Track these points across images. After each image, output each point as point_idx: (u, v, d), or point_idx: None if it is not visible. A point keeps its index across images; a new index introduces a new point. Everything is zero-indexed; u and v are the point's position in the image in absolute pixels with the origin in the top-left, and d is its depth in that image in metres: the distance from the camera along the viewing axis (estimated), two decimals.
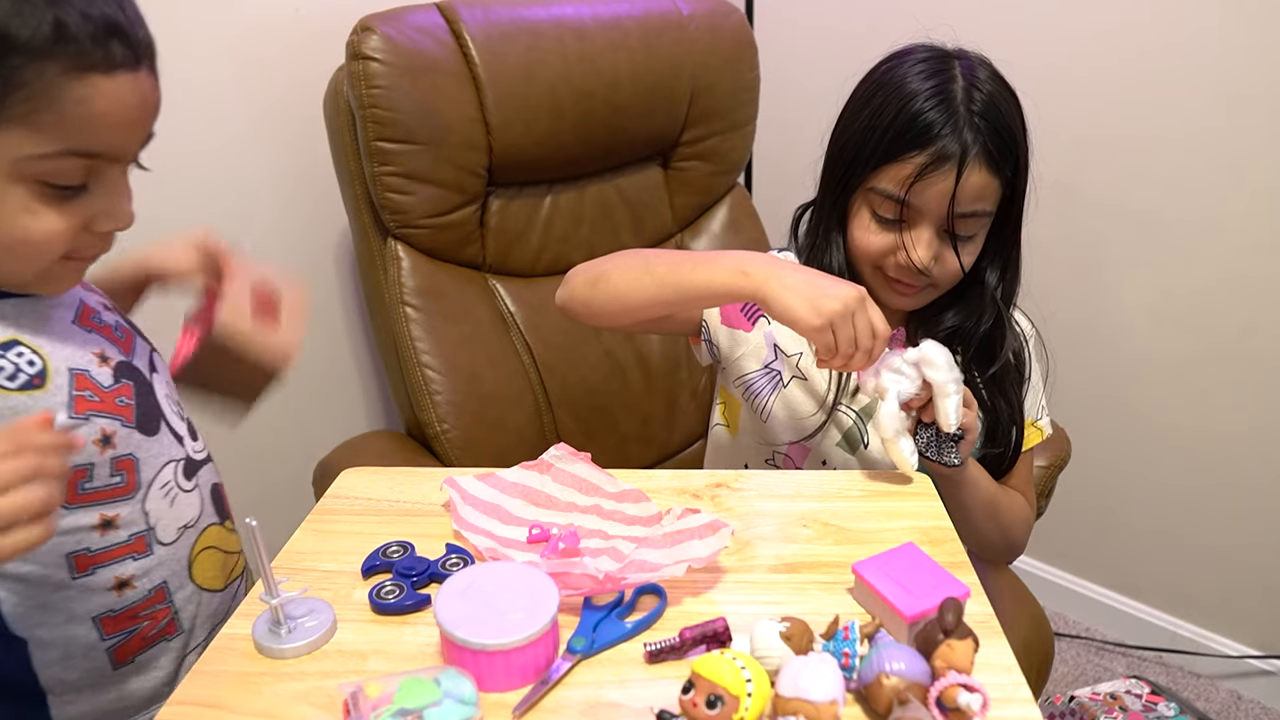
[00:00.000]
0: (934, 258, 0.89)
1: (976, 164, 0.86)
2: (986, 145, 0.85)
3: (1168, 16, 1.43)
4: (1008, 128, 0.87)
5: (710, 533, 0.69)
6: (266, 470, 1.52)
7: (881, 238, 0.91)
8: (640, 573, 0.67)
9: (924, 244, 0.89)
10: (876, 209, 0.91)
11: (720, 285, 0.83)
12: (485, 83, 1.21)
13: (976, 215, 0.89)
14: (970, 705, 0.54)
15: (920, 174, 0.86)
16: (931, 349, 0.81)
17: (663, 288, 0.87)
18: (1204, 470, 1.60)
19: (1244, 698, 1.66)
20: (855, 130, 0.91)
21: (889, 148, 0.88)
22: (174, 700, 0.61)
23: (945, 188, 0.86)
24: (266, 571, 0.64)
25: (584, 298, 0.93)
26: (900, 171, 0.87)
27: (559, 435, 1.33)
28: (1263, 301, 1.46)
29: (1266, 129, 1.39)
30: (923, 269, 0.89)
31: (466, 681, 0.58)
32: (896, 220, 0.90)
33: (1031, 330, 1.04)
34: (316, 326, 1.54)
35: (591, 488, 0.82)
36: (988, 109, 0.86)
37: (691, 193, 1.48)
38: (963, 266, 0.91)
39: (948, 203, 0.86)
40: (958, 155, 0.85)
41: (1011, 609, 1.14)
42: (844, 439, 0.99)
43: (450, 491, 0.81)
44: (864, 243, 0.93)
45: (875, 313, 0.79)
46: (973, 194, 0.87)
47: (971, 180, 0.86)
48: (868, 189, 0.91)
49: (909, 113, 0.87)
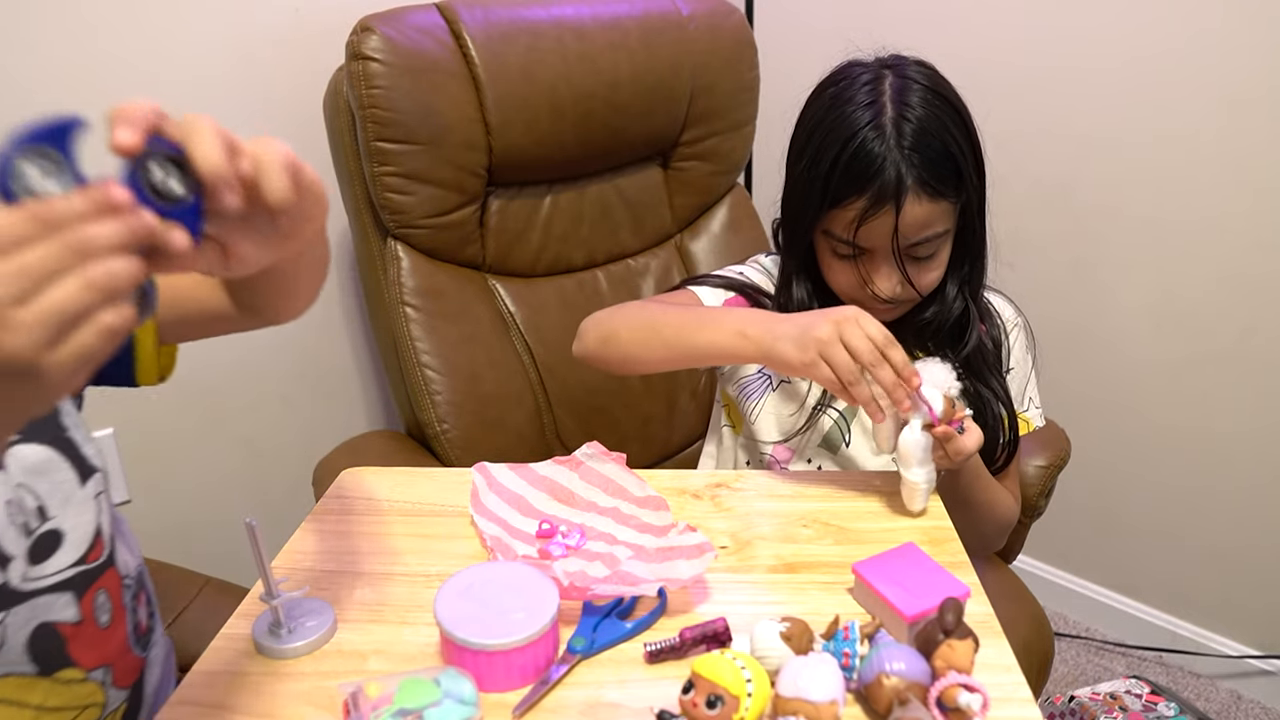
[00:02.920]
0: (899, 284, 0.90)
1: (914, 197, 0.85)
2: (921, 177, 0.85)
3: (1167, 18, 1.43)
4: (943, 152, 0.86)
5: (697, 554, 0.69)
6: (266, 470, 1.52)
7: (847, 275, 0.93)
8: (619, 584, 0.67)
9: (883, 277, 0.90)
10: (835, 249, 0.92)
11: (723, 347, 0.85)
12: (485, 83, 1.21)
13: (928, 240, 0.89)
14: (970, 705, 0.54)
15: (862, 218, 0.86)
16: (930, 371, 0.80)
17: (670, 349, 0.89)
18: (1204, 470, 1.60)
19: (1244, 698, 1.66)
20: (800, 174, 0.92)
21: (832, 193, 0.88)
22: (174, 700, 0.61)
23: (889, 226, 0.86)
24: (266, 571, 0.64)
25: (598, 355, 0.95)
26: (844, 216, 0.88)
27: (559, 435, 1.33)
28: (1262, 302, 1.46)
29: (1266, 130, 1.39)
30: (889, 300, 0.91)
31: (466, 681, 0.58)
32: (853, 255, 0.91)
33: (1016, 318, 1.03)
34: (316, 326, 1.54)
35: (618, 489, 0.82)
36: (919, 139, 0.85)
37: (691, 193, 1.48)
38: (925, 286, 0.92)
39: (893, 238, 0.87)
40: (893, 194, 0.85)
41: (1011, 609, 1.14)
42: (825, 440, 0.99)
43: (476, 477, 0.81)
44: (833, 281, 0.95)
45: (870, 323, 0.78)
46: (917, 224, 0.87)
47: (913, 213, 0.86)
48: (822, 231, 0.92)
49: (845, 156, 0.86)
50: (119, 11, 1.23)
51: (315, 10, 1.37)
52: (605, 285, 1.41)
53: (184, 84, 1.30)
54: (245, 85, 1.35)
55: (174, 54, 1.29)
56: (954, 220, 0.91)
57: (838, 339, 0.76)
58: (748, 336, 0.82)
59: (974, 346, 0.97)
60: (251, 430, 1.50)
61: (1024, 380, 1.03)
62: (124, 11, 1.23)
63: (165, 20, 1.27)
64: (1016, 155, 1.62)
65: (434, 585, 0.68)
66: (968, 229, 0.93)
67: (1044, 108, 1.59)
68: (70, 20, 1.20)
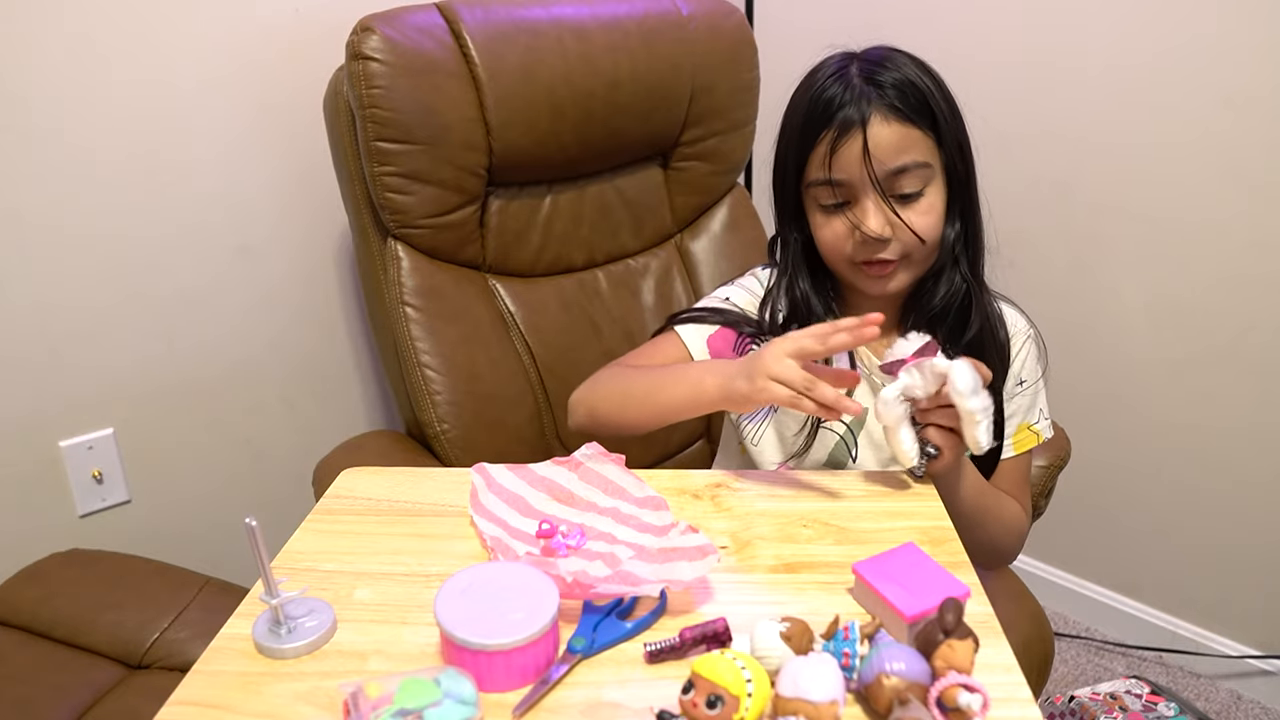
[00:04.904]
0: (887, 224, 0.90)
1: (881, 118, 0.88)
2: (886, 98, 0.88)
3: (1166, 19, 1.43)
4: (908, 81, 0.89)
5: (699, 556, 0.69)
6: (266, 470, 1.52)
7: (834, 226, 0.93)
8: (621, 584, 0.67)
9: (870, 214, 0.90)
10: (820, 200, 0.93)
11: (690, 400, 0.89)
12: (485, 83, 1.21)
13: (908, 169, 0.89)
14: (970, 705, 0.54)
15: (833, 147, 0.88)
16: (959, 372, 0.79)
17: (647, 412, 0.93)
18: (1204, 470, 1.60)
19: (1244, 698, 1.66)
20: (780, 145, 0.96)
21: (802, 139, 0.91)
22: (174, 700, 0.61)
23: (857, 150, 0.88)
24: (266, 571, 0.64)
25: (591, 429, 0.99)
26: (819, 153, 0.90)
27: (559, 435, 1.33)
28: (1262, 301, 1.47)
29: (1265, 130, 1.39)
30: (878, 236, 0.90)
31: (466, 681, 0.58)
32: (839, 204, 0.92)
33: (1028, 329, 1.02)
34: (316, 326, 1.54)
35: (617, 490, 0.82)
36: (880, 70, 0.89)
37: (691, 193, 1.48)
38: (918, 228, 0.90)
39: (867, 164, 0.88)
40: (858, 117, 0.87)
41: (1011, 609, 1.14)
42: (831, 456, 0.99)
43: (475, 477, 0.81)
44: (824, 238, 0.94)
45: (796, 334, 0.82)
46: (890, 147, 0.88)
47: (884, 135, 0.88)
48: (806, 187, 0.94)
49: (808, 101, 0.91)
50: (119, 12, 1.23)
51: (315, 10, 1.37)
52: (605, 285, 1.41)
53: (185, 84, 1.31)
54: (245, 85, 1.35)
55: (174, 54, 1.29)
56: (936, 157, 0.91)
57: (780, 356, 0.80)
58: (704, 386, 0.87)
59: (977, 330, 0.96)
60: (252, 430, 1.51)
61: (1035, 393, 1.02)
62: (124, 12, 1.23)
63: (165, 21, 1.27)
64: (1016, 155, 1.62)
65: (434, 585, 0.68)
66: (953, 175, 0.92)
67: (1044, 108, 1.59)
68: (71, 21, 1.20)
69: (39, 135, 1.21)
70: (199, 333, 1.41)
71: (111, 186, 1.28)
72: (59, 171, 1.24)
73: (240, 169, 1.39)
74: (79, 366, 1.31)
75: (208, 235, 1.38)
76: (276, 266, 1.46)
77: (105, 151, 1.27)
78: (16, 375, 1.27)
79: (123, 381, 1.36)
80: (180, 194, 1.34)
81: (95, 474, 1.36)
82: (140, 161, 1.30)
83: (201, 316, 1.40)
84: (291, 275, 1.48)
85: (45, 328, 1.28)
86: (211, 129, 1.35)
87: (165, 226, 1.34)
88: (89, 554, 1.27)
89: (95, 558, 1.26)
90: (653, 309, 1.44)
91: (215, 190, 1.37)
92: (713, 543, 0.70)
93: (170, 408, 1.41)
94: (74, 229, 1.27)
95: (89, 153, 1.25)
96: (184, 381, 1.42)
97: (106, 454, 1.36)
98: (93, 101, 1.24)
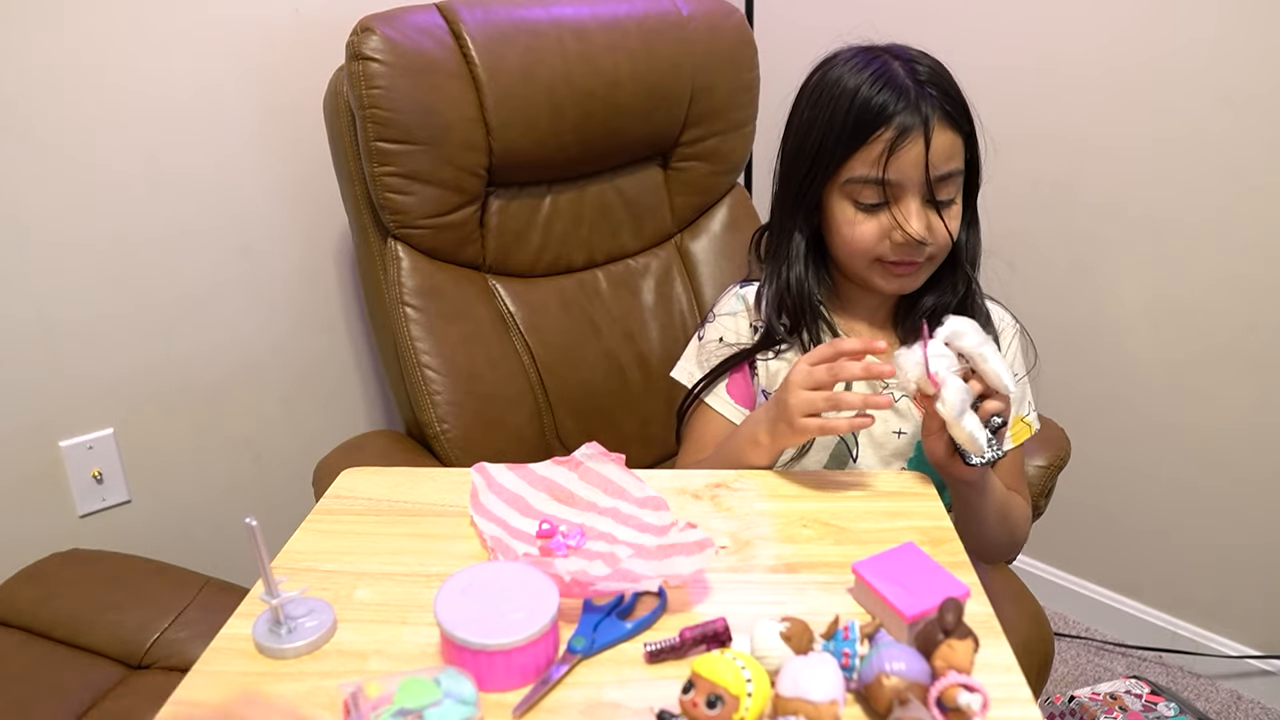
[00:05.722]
0: (929, 227, 0.91)
1: (940, 126, 0.89)
2: (943, 106, 0.89)
3: (1166, 19, 1.43)
4: (955, 87, 0.91)
5: (697, 550, 0.69)
6: (266, 470, 1.53)
7: (870, 225, 0.93)
8: (621, 582, 0.67)
9: (914, 215, 0.91)
10: (858, 198, 0.92)
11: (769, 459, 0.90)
12: (485, 83, 1.21)
13: (951, 176, 0.91)
14: (970, 705, 0.54)
15: (892, 148, 0.88)
16: (957, 322, 0.82)
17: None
18: (1204, 470, 1.60)
19: (1244, 698, 1.66)
20: (810, 139, 0.94)
21: (852, 136, 0.90)
22: (174, 700, 0.61)
23: (918, 154, 0.88)
24: (266, 571, 0.64)
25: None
26: (871, 153, 0.90)
27: (559, 435, 1.33)
28: (1262, 301, 1.47)
29: (1265, 130, 1.39)
30: (921, 239, 0.91)
31: (466, 681, 0.58)
32: (880, 203, 0.92)
33: (1014, 324, 1.05)
34: (316, 326, 1.54)
35: (617, 490, 0.82)
36: (933, 76, 0.90)
37: (691, 193, 1.48)
38: (951, 232, 0.93)
39: (924, 169, 0.89)
40: (921, 121, 0.88)
41: (1011, 609, 1.14)
42: (832, 455, 1.00)
43: (475, 477, 0.81)
44: (856, 236, 0.94)
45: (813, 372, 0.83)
46: (944, 154, 0.90)
47: (942, 141, 0.89)
48: (843, 183, 0.93)
49: (861, 99, 0.90)
50: (119, 13, 1.23)
51: (315, 10, 1.37)
52: (605, 285, 1.41)
53: (185, 84, 1.31)
54: (245, 86, 1.35)
55: (174, 55, 1.29)
56: (964, 163, 0.93)
57: (797, 391, 0.83)
58: (762, 442, 0.89)
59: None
60: (251, 430, 1.51)
61: (1024, 386, 1.04)
62: (125, 13, 1.23)
63: (165, 21, 1.27)
64: (1017, 156, 1.62)
65: (434, 585, 0.68)
66: (971, 180, 0.95)
67: (1044, 109, 1.59)
68: (70, 22, 1.20)
69: (39, 135, 1.21)
70: (199, 333, 1.41)
71: (111, 187, 1.28)
72: (59, 172, 1.24)
73: (240, 169, 1.39)
74: (79, 367, 1.31)
75: (208, 235, 1.38)
76: (276, 267, 1.46)
77: (105, 152, 1.27)
78: (17, 375, 1.27)
79: (123, 382, 1.36)
80: (180, 194, 1.34)
81: (95, 474, 1.36)
82: (140, 162, 1.30)
83: (201, 316, 1.40)
84: (291, 275, 1.48)
85: (46, 328, 1.28)
86: (211, 129, 1.35)
87: (165, 227, 1.35)
88: (89, 554, 1.27)
89: (95, 558, 1.26)
90: (653, 309, 1.44)
91: (215, 190, 1.37)
92: (711, 537, 0.70)
93: (170, 407, 1.41)
94: (74, 229, 1.27)
95: (89, 152, 1.25)
96: (184, 381, 1.42)
97: (106, 454, 1.36)
98: (92, 101, 1.24)
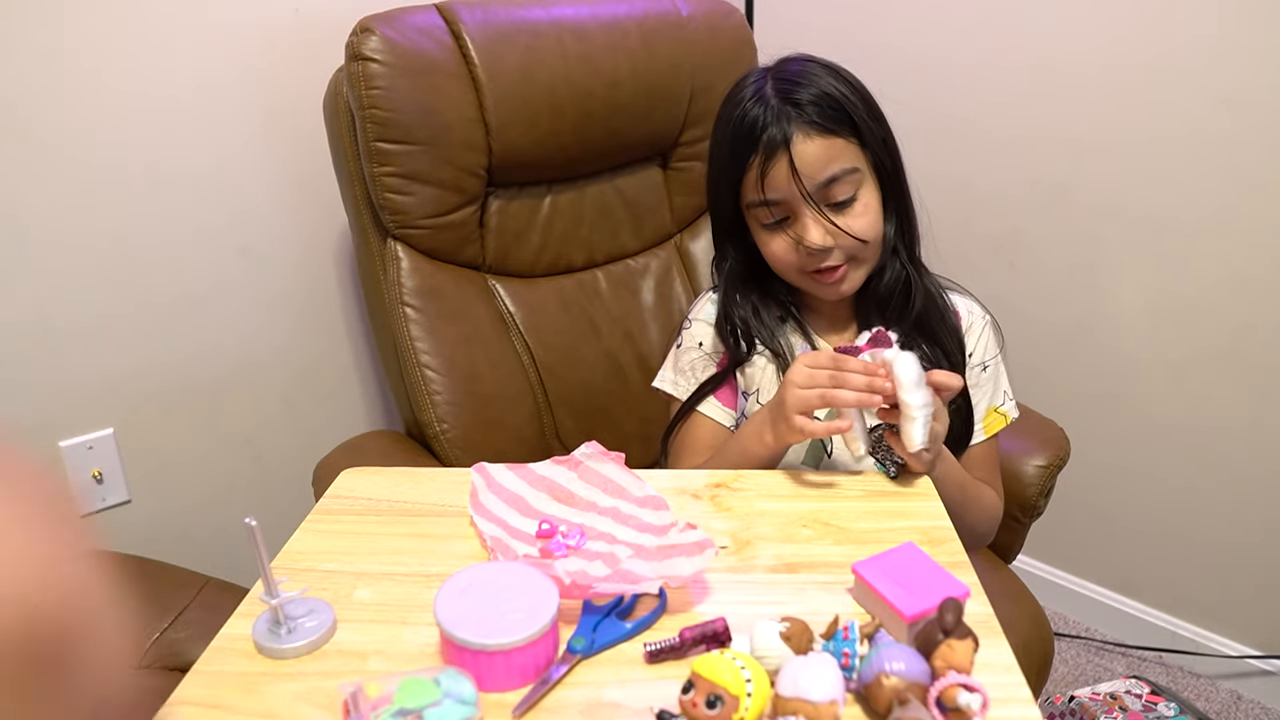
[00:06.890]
0: (827, 234, 0.92)
1: (803, 135, 0.90)
2: (804, 115, 0.90)
3: (1165, 19, 1.43)
4: (821, 94, 0.91)
5: (697, 551, 0.69)
6: (266, 470, 1.52)
7: (779, 242, 0.96)
8: (620, 583, 0.67)
9: (809, 228, 0.92)
10: (760, 220, 0.96)
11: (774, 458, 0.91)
12: (485, 83, 1.21)
13: (838, 178, 0.92)
14: (970, 705, 0.54)
15: (763, 171, 0.91)
16: (902, 365, 0.80)
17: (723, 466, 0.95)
18: (1204, 470, 1.60)
19: (1244, 698, 1.66)
20: (713, 167, 0.99)
21: (733, 164, 0.94)
22: (174, 700, 0.61)
23: (785, 170, 0.90)
24: (266, 571, 0.64)
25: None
26: (751, 177, 0.93)
27: (559, 435, 1.33)
28: (1261, 301, 1.47)
29: (1264, 130, 1.39)
30: (820, 248, 0.93)
31: (466, 681, 0.58)
32: (780, 220, 0.94)
33: (984, 315, 1.05)
34: (316, 326, 1.54)
35: (617, 489, 0.82)
36: (794, 88, 0.91)
37: (691, 193, 1.48)
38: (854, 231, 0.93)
39: (797, 182, 0.90)
40: (781, 138, 0.90)
41: (1011, 609, 1.14)
42: (808, 454, 1.00)
43: (475, 477, 0.81)
44: (771, 254, 0.97)
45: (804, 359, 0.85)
46: (816, 161, 0.90)
47: (808, 151, 0.90)
48: (746, 207, 0.96)
49: (734, 125, 0.93)
50: (119, 13, 1.23)
51: (315, 11, 1.37)
52: (605, 285, 1.41)
53: (184, 85, 1.31)
54: (245, 86, 1.35)
55: (174, 55, 1.29)
56: (862, 160, 0.93)
57: (794, 387, 0.84)
58: (767, 441, 0.89)
59: (921, 309, 0.99)
60: (252, 430, 1.51)
61: (996, 373, 1.05)
62: (124, 13, 1.23)
63: (165, 21, 1.27)
64: (1015, 156, 1.62)
65: (434, 585, 0.68)
66: (883, 173, 0.95)
67: (1043, 109, 1.59)
68: (70, 22, 1.20)
69: (39, 135, 1.21)
70: (199, 332, 1.41)
71: (111, 187, 1.28)
72: (59, 172, 1.24)
73: (240, 169, 1.39)
74: (79, 366, 1.31)
75: (208, 235, 1.38)
76: (276, 267, 1.46)
77: (105, 151, 1.27)
78: (17, 375, 1.27)
79: (123, 381, 1.36)
80: (180, 194, 1.34)
81: (95, 474, 1.36)
82: (140, 162, 1.30)
83: (201, 316, 1.40)
84: (291, 276, 1.48)
85: (46, 328, 1.28)
86: (210, 129, 1.35)
87: (165, 226, 1.35)
88: None
89: None
90: (652, 309, 1.44)
91: (215, 190, 1.37)
92: (711, 538, 0.70)
93: (170, 407, 1.41)
94: (73, 229, 1.27)
95: (89, 152, 1.25)
96: (184, 381, 1.42)
97: (106, 454, 1.36)
98: (92, 102, 1.24)
